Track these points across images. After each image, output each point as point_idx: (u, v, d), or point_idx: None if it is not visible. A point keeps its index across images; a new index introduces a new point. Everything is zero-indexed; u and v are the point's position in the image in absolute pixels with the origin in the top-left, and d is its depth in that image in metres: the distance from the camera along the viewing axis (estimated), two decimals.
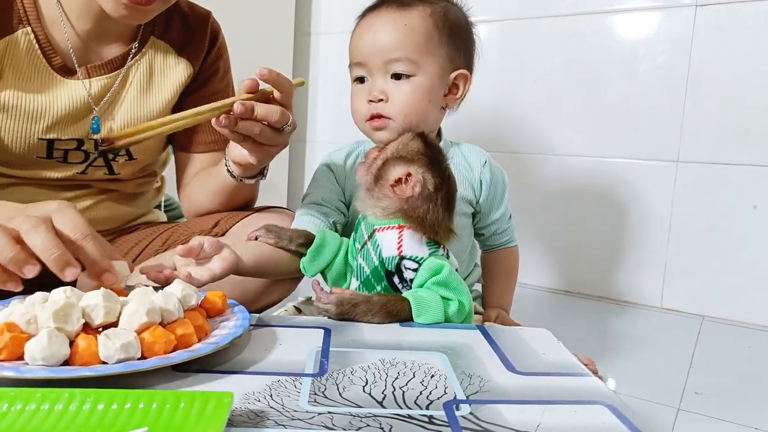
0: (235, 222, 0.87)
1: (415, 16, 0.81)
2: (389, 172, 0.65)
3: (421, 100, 0.81)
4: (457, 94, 0.86)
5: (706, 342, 1.22)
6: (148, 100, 0.88)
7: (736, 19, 1.34)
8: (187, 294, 0.54)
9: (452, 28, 0.84)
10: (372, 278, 0.66)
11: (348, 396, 0.45)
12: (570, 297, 1.54)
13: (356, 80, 0.86)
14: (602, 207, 1.53)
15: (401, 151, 0.66)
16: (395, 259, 0.64)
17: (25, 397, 0.38)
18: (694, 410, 0.88)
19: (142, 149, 0.88)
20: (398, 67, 0.80)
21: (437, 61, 0.82)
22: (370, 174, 0.67)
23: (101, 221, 0.91)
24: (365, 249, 0.67)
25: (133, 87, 0.86)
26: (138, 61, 0.86)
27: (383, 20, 0.83)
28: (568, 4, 1.54)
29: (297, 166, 2.09)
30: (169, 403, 0.39)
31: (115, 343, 0.45)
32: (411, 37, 0.80)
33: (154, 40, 0.88)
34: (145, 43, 0.87)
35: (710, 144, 1.39)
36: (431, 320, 0.62)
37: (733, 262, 1.38)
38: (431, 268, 0.63)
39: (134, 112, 0.87)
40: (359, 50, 0.84)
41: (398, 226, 0.65)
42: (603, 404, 0.45)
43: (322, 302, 0.63)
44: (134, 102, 0.87)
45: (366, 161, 0.70)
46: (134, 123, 0.85)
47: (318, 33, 2.02)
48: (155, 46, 0.88)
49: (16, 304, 0.49)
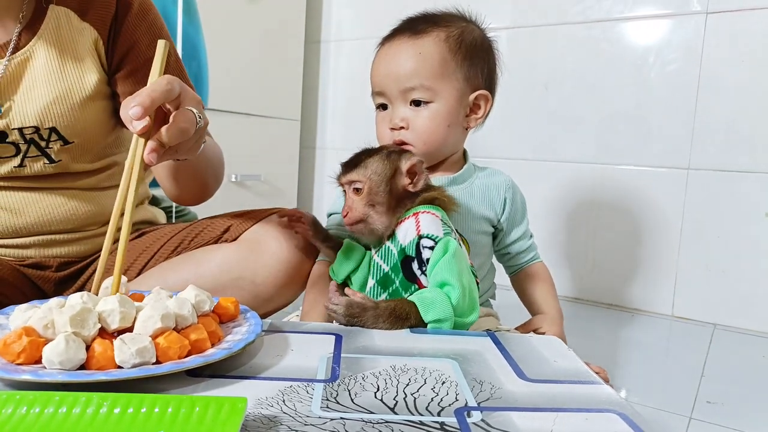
0: (246, 228, 0.87)
1: (429, 43, 0.83)
2: (399, 178, 0.70)
3: (440, 125, 0.83)
4: (479, 113, 0.87)
5: (718, 350, 1.21)
6: (66, 76, 0.80)
7: (747, 26, 1.34)
8: (201, 299, 0.54)
9: (469, 50, 0.84)
10: (391, 273, 0.69)
11: (360, 402, 0.45)
12: (581, 305, 1.54)
13: (379, 107, 0.88)
14: (613, 214, 1.53)
15: (378, 168, 0.72)
16: (414, 240, 0.68)
17: (43, 400, 0.39)
18: (707, 419, 0.88)
19: (78, 131, 0.81)
20: (415, 94, 0.82)
21: (454, 85, 0.83)
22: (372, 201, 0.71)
23: (74, 219, 0.85)
24: (383, 247, 0.71)
25: (41, 66, 0.78)
26: (39, 37, 0.78)
27: (398, 49, 0.84)
28: (578, 12, 1.55)
29: (307, 172, 2.10)
30: (185, 407, 0.39)
31: (131, 347, 0.46)
32: (425, 64, 0.82)
33: (54, 8, 0.79)
34: (44, 14, 0.79)
35: (721, 151, 1.39)
36: (440, 315, 0.63)
37: (745, 269, 1.37)
38: (445, 244, 0.67)
39: (53, 88, 0.79)
40: (378, 80, 0.86)
41: (413, 214, 0.69)
42: (614, 412, 0.45)
43: (332, 302, 0.65)
44: (50, 77, 0.79)
45: (345, 207, 0.73)
46: (57, 99, 0.79)
47: (328, 41, 2.03)
48: (56, 14, 0.80)
49: (20, 312, 0.50)
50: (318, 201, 2.12)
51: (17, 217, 0.82)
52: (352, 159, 0.74)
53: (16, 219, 0.82)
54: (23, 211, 0.82)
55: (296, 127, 1.98)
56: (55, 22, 0.79)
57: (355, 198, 0.72)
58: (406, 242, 0.69)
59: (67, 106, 0.79)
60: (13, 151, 0.79)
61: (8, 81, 0.77)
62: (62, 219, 0.84)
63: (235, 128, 1.74)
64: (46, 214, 0.83)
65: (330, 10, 2.03)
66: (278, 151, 1.92)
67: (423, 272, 0.68)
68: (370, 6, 1.94)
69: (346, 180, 0.73)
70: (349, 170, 0.73)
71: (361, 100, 0.93)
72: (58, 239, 0.85)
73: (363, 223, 0.71)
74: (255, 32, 1.78)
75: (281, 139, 1.93)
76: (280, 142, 1.93)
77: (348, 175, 0.73)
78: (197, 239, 0.88)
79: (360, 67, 2.05)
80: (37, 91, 0.79)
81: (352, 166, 0.73)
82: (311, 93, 2.08)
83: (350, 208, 0.72)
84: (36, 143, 0.79)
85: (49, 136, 0.79)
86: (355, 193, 0.72)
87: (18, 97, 0.78)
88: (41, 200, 0.83)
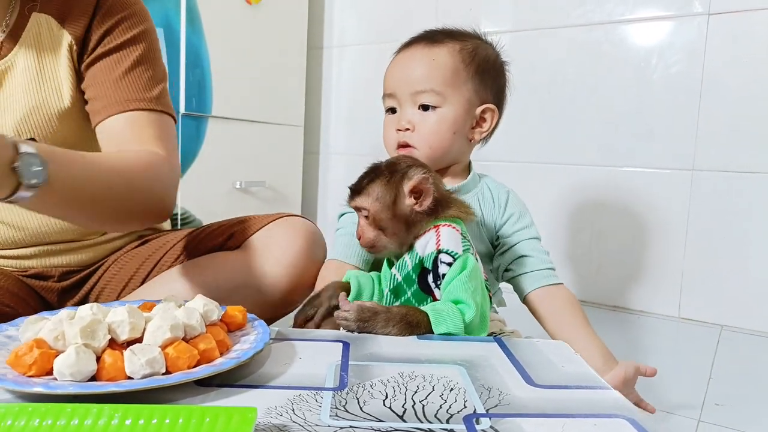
0: (250, 234, 0.87)
1: (444, 52, 0.85)
2: (402, 199, 0.70)
3: (446, 131, 0.84)
4: (484, 127, 0.88)
5: (726, 352, 1.21)
6: (44, 87, 0.78)
7: (749, 27, 1.34)
8: (209, 309, 0.55)
9: (481, 64, 0.86)
10: (404, 283, 0.69)
11: (368, 410, 0.45)
12: (586, 307, 1.53)
13: (388, 111, 0.90)
14: (618, 216, 1.53)
15: (380, 194, 0.70)
16: (433, 254, 0.68)
17: (55, 412, 0.39)
18: (715, 422, 0.88)
19: (57, 143, 0.77)
20: (425, 98, 0.84)
21: (464, 95, 0.85)
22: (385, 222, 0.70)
23: (73, 229, 0.85)
24: (401, 260, 0.71)
25: (19, 76, 0.78)
26: (19, 47, 0.78)
27: (414, 55, 0.87)
28: (580, 15, 1.55)
29: (311, 177, 2.11)
30: (195, 418, 0.39)
31: (141, 358, 0.46)
32: (438, 70, 0.84)
33: (36, 16, 0.79)
34: (27, 21, 0.78)
35: (726, 152, 1.39)
36: (450, 330, 0.63)
37: (751, 270, 1.37)
38: (464, 261, 0.67)
39: (30, 97, 0.78)
40: (390, 82, 0.88)
41: (434, 227, 0.69)
42: (623, 417, 0.45)
43: (343, 309, 0.64)
44: (28, 87, 0.78)
45: (358, 230, 0.73)
46: (34, 109, 0.77)
47: (331, 46, 2.04)
48: (37, 23, 0.79)
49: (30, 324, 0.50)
50: (322, 205, 2.13)
51: (17, 231, 0.82)
52: (357, 183, 0.73)
53: (16, 232, 0.82)
54: (22, 224, 0.82)
55: (299, 133, 1.98)
56: (36, 29, 0.79)
57: (363, 224, 0.72)
58: (424, 254, 0.69)
59: (43, 116, 0.79)
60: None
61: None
62: (61, 230, 0.85)
63: (239, 135, 1.75)
64: (44, 225, 0.83)
65: (332, 16, 2.04)
66: (282, 157, 1.93)
67: (437, 286, 0.68)
68: (372, 12, 1.94)
69: (353, 205, 0.73)
70: (354, 196, 0.73)
71: (364, 104, 0.94)
72: (59, 249, 0.85)
73: (375, 247, 0.71)
74: (257, 39, 1.78)
75: (285, 145, 1.94)
76: (284, 148, 1.94)
77: (354, 201, 0.73)
78: (201, 246, 0.88)
79: (363, 72, 2.06)
80: (15, 101, 0.77)
81: (357, 192, 0.72)
82: (314, 99, 2.08)
83: (362, 233, 0.72)
84: None
85: None
86: (364, 219, 0.72)
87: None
88: (38, 213, 0.80)
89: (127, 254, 0.91)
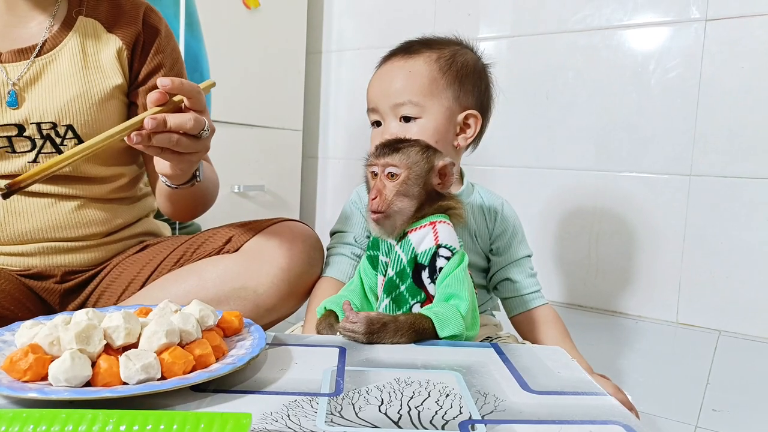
0: (248, 239, 0.87)
1: (420, 62, 0.86)
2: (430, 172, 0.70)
3: (429, 141, 0.83)
4: (468, 133, 0.88)
5: (724, 357, 1.21)
6: (89, 76, 0.85)
7: (746, 32, 1.34)
8: (205, 314, 0.55)
9: (459, 71, 0.86)
10: (396, 278, 0.69)
11: (364, 416, 0.45)
12: (583, 312, 1.53)
13: (373, 124, 0.90)
14: (615, 222, 1.53)
15: (418, 160, 0.70)
16: (432, 249, 0.67)
17: (50, 418, 0.39)
18: (713, 428, 0.87)
19: (94, 131, 0.83)
20: (405, 110, 0.84)
21: (443, 103, 0.85)
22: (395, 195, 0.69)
23: (80, 227, 0.86)
24: (392, 251, 0.70)
25: (65, 66, 0.84)
26: (67, 41, 0.84)
27: (392, 68, 0.88)
28: (579, 20, 1.56)
29: (309, 182, 2.11)
30: (190, 423, 0.39)
31: (136, 364, 0.46)
32: (414, 81, 0.84)
33: (82, 19, 0.86)
34: (73, 24, 0.85)
35: (723, 157, 1.39)
36: (454, 331, 0.64)
37: (749, 275, 1.37)
38: (461, 257, 0.67)
39: (74, 86, 0.83)
40: (372, 97, 0.89)
41: (430, 223, 0.69)
42: (619, 424, 0.45)
43: (350, 321, 0.63)
44: (72, 77, 0.84)
45: (374, 190, 0.71)
46: (78, 97, 0.83)
47: (329, 51, 2.04)
48: (84, 24, 0.86)
49: (25, 329, 0.50)
50: (320, 210, 2.13)
51: (24, 221, 0.82)
52: (392, 142, 0.72)
53: (22, 223, 0.82)
54: (30, 214, 0.83)
55: (298, 137, 1.99)
56: (82, 30, 0.85)
57: (388, 183, 0.69)
58: (420, 250, 0.68)
59: (86, 104, 0.83)
60: (29, 146, 0.82)
61: (31, 78, 0.82)
62: (68, 226, 0.85)
63: (238, 139, 1.75)
64: (52, 219, 0.83)
65: (331, 21, 2.05)
66: (280, 161, 1.93)
67: (432, 281, 0.68)
68: (370, 16, 1.95)
69: (383, 162, 0.70)
70: (388, 153, 0.70)
71: (363, 109, 0.94)
72: (63, 247, 0.85)
73: (385, 212, 0.69)
74: (256, 43, 1.79)
75: (283, 149, 1.94)
76: (283, 152, 1.94)
77: (387, 158, 0.70)
78: (199, 251, 0.89)
79: (361, 77, 2.06)
80: (59, 88, 0.83)
81: (392, 150, 0.70)
82: (313, 103, 2.09)
83: (380, 192, 0.69)
84: (51, 139, 0.82)
85: (65, 133, 0.83)
86: (388, 178, 0.70)
87: (39, 93, 0.82)
88: (49, 205, 0.84)
89: (128, 259, 0.91)
